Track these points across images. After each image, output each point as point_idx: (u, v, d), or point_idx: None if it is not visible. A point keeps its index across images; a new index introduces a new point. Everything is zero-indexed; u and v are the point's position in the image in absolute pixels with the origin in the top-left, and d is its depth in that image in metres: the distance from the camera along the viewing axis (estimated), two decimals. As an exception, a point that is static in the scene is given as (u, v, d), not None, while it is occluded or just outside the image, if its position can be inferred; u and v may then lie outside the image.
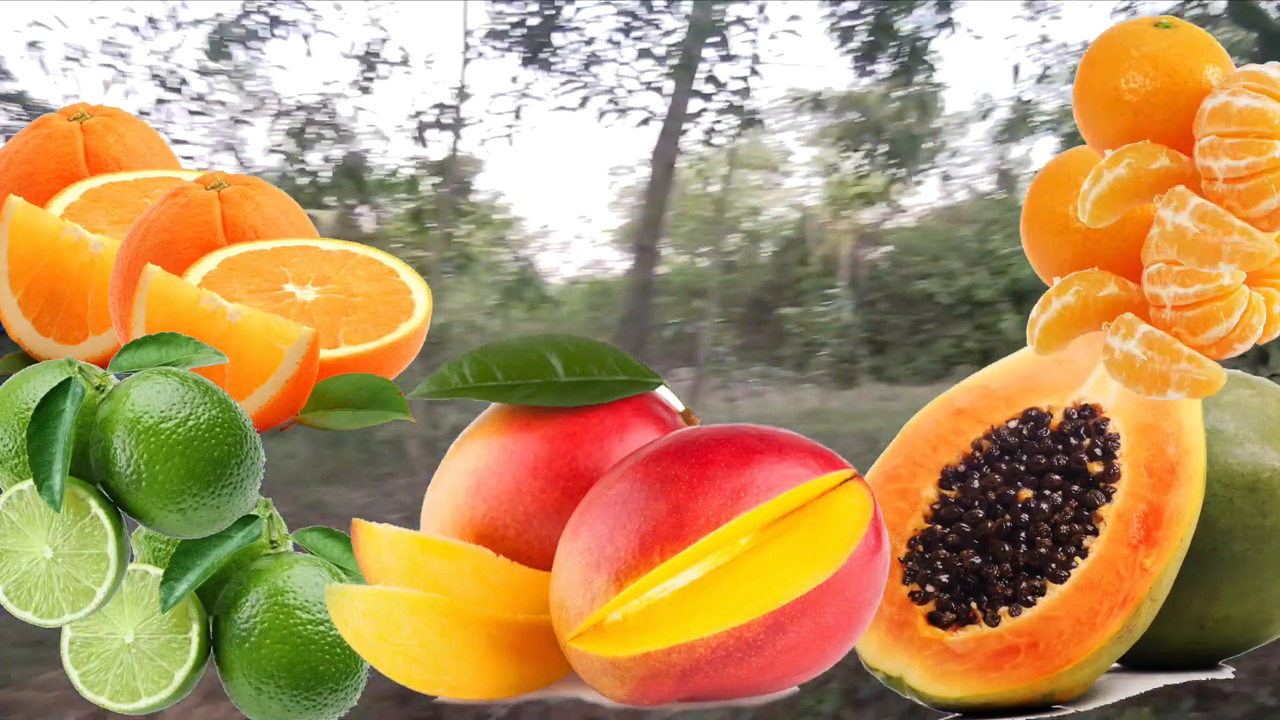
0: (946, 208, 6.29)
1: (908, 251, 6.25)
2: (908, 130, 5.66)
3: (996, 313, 5.32)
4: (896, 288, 5.93)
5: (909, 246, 6.28)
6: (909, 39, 5.29)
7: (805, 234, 6.44)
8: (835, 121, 6.33)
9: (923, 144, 5.62)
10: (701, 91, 5.26)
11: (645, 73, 5.21)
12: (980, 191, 6.24)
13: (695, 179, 6.90)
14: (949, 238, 6.06)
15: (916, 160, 5.64)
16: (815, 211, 6.67)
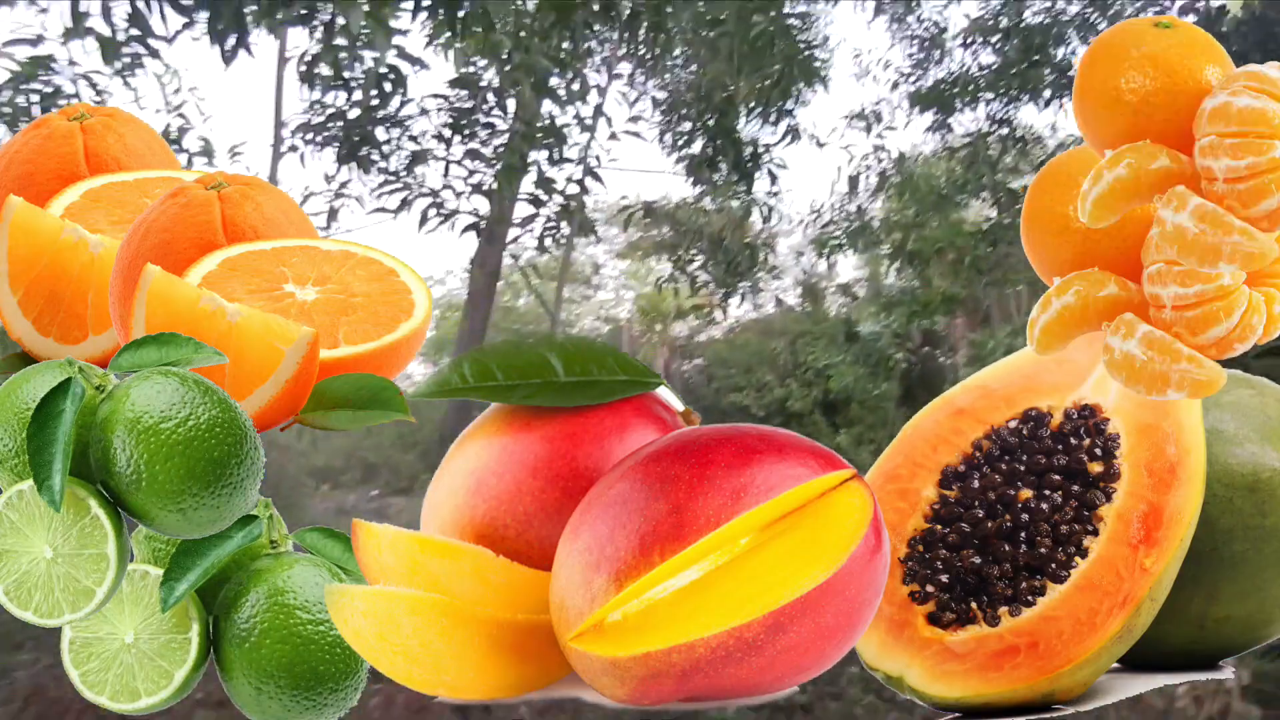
0: (756, 320, 6.27)
1: (720, 364, 6.27)
2: (737, 240, 5.47)
3: (811, 424, 5.36)
4: (710, 400, 5.96)
5: (721, 359, 6.30)
6: (749, 145, 5.16)
7: (619, 347, 6.44)
8: (656, 233, 6.25)
9: (751, 255, 5.46)
10: (533, 196, 4.97)
11: (474, 174, 4.89)
12: (789, 305, 6.22)
13: (511, 290, 6.76)
14: (760, 350, 6.08)
15: (739, 272, 5.54)
16: (628, 324, 6.64)
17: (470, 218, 4.87)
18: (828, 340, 5.78)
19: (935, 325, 5.72)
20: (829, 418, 5.58)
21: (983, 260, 5.37)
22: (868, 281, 6.48)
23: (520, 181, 4.82)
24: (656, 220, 5.73)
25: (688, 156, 5.22)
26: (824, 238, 5.67)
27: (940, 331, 5.81)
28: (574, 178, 4.94)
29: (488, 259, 5.07)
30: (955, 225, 5.53)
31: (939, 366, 5.85)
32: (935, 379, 5.65)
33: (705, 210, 5.44)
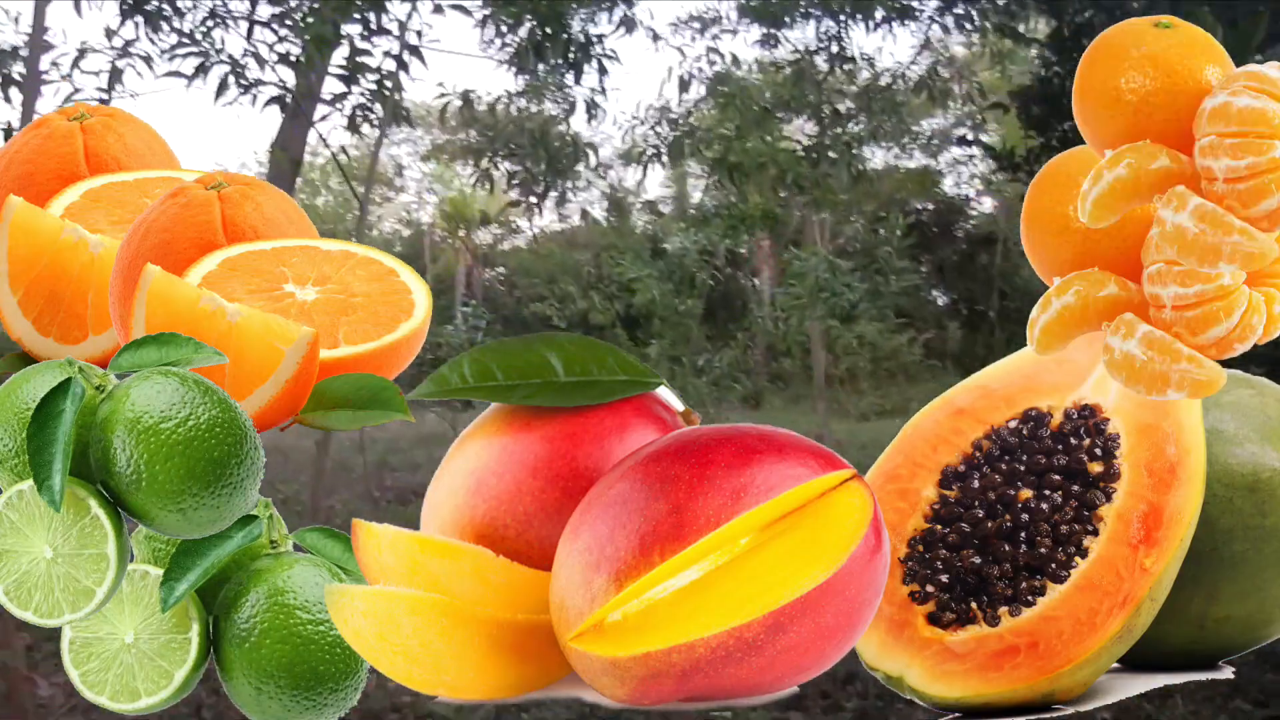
0: (561, 231, 6.14)
1: (523, 274, 6.18)
2: (559, 135, 5.05)
3: (613, 336, 5.27)
4: (512, 310, 5.86)
5: (525, 269, 6.20)
6: (579, 36, 4.68)
7: (420, 251, 6.23)
8: (464, 136, 5.82)
9: (575, 151, 5.09)
10: (344, 71, 4.35)
11: (282, 41, 4.27)
12: (595, 217, 6.09)
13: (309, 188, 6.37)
14: (564, 262, 5.98)
15: (560, 170, 5.12)
16: (430, 229, 6.46)
17: (275, 88, 4.34)
18: (633, 255, 5.65)
19: (742, 246, 5.57)
20: (631, 331, 5.48)
21: (803, 178, 5.20)
22: (674, 200, 6.31)
23: (331, 54, 4.29)
24: (471, 118, 5.34)
25: (513, 42, 4.75)
26: (637, 149, 5.45)
27: (743, 254, 5.70)
28: (391, 52, 4.41)
29: (291, 141, 4.53)
30: (776, 141, 5.30)
31: (741, 288, 5.74)
32: (737, 299, 5.54)
33: (525, 110, 5.13)
